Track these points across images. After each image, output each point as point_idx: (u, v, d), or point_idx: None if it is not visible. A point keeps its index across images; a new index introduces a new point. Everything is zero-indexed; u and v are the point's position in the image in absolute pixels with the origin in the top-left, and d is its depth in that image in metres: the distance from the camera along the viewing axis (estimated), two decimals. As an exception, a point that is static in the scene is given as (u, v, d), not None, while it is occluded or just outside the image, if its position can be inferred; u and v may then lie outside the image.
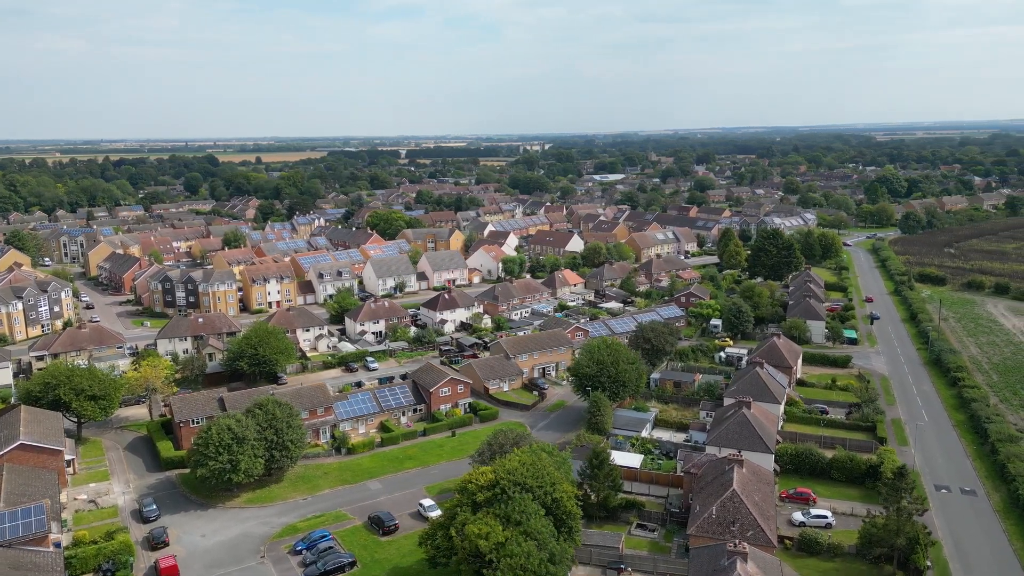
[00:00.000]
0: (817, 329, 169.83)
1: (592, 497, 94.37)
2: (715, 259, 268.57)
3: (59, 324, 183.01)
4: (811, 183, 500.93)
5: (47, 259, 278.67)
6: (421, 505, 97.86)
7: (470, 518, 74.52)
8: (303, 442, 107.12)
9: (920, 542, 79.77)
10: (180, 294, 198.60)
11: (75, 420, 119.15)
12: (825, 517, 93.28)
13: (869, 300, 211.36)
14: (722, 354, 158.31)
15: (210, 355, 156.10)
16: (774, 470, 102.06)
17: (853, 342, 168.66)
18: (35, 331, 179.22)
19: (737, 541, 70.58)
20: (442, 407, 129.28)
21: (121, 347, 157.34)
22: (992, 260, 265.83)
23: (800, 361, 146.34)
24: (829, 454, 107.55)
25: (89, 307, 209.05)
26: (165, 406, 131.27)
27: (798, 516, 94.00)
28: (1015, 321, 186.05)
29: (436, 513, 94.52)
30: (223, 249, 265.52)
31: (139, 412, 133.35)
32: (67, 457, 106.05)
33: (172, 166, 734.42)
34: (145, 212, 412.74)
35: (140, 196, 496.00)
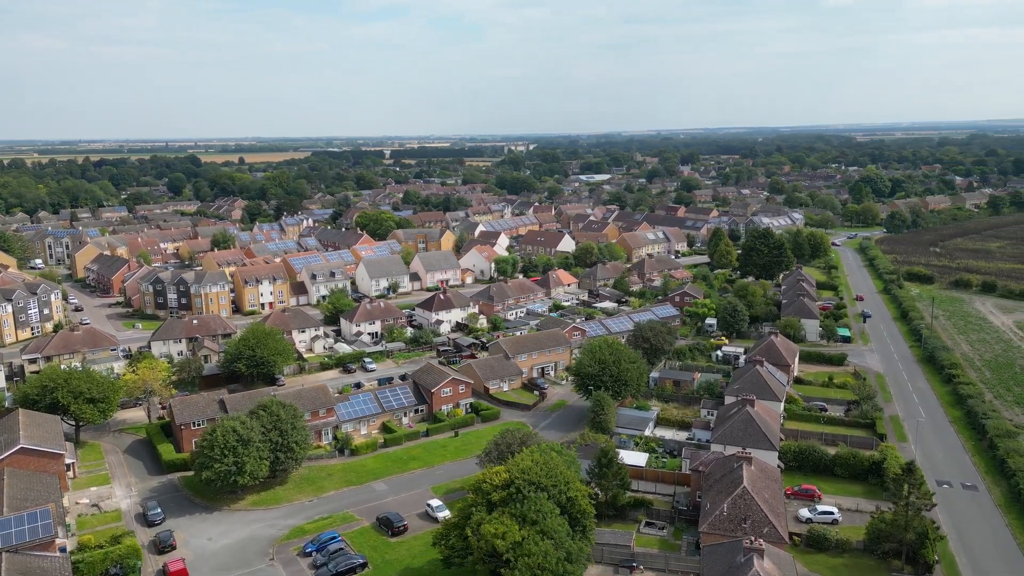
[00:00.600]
0: (811, 327, 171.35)
1: (601, 496, 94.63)
2: (705, 258, 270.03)
3: (49, 327, 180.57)
4: (796, 183, 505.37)
5: (38, 261, 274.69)
6: (429, 505, 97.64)
7: (486, 518, 74.49)
8: (308, 443, 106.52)
9: (929, 537, 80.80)
10: (172, 296, 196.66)
11: (72, 423, 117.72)
12: (831, 513, 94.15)
13: (860, 299, 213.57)
14: (719, 353, 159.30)
15: (205, 357, 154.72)
16: (778, 467, 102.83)
17: (847, 340, 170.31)
18: (25, 334, 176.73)
19: (753, 538, 71.06)
20: (444, 407, 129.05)
21: (115, 349, 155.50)
22: (977, 259, 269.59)
23: (797, 359, 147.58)
24: (830, 451, 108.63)
25: (78, 309, 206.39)
26: (163, 408, 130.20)
27: (805, 513, 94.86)
28: (1004, 319, 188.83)
29: (445, 514, 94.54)
30: (212, 250, 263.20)
31: (136, 415, 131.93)
32: (67, 461, 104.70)
33: (154, 166, 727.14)
34: (129, 213, 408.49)
35: (123, 197, 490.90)
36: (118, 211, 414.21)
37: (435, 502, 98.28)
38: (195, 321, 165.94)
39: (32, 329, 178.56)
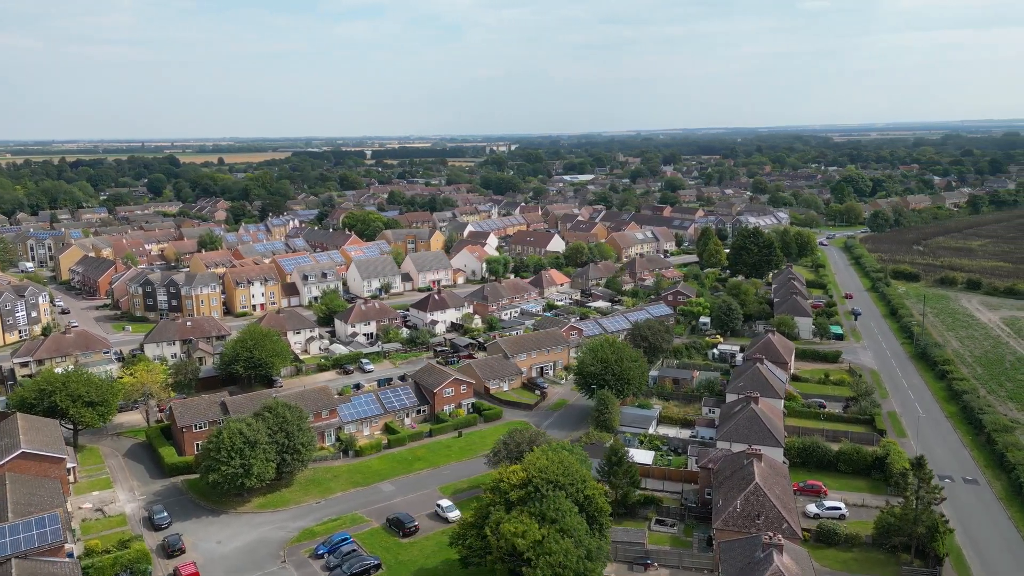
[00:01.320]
0: (804, 325, 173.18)
1: (611, 494, 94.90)
2: (694, 258, 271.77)
3: (37, 330, 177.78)
4: (778, 183, 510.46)
5: (28, 264, 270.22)
6: (439, 506, 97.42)
7: (505, 517, 74.52)
8: (313, 445, 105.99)
9: (939, 530, 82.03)
10: (162, 297, 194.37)
11: (70, 427, 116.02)
12: (839, 508, 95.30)
13: (848, 297, 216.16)
14: (715, 351, 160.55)
15: (200, 359, 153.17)
16: (783, 463, 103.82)
17: (839, 338, 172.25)
18: (12, 337, 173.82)
19: (772, 533, 71.72)
20: (446, 408, 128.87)
21: (107, 352, 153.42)
22: (960, 257, 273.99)
23: (792, 357, 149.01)
24: (833, 447, 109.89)
25: (64, 312, 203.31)
26: (161, 411, 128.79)
27: (812, 508, 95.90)
28: (990, 315, 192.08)
29: (455, 514, 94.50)
30: (199, 252, 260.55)
31: (133, 418, 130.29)
32: (68, 465, 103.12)
33: (132, 167, 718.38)
34: (110, 214, 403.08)
35: (103, 198, 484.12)
36: (98, 212, 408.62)
37: (445, 502, 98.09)
38: (189, 323, 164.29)
39: (20, 332, 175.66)
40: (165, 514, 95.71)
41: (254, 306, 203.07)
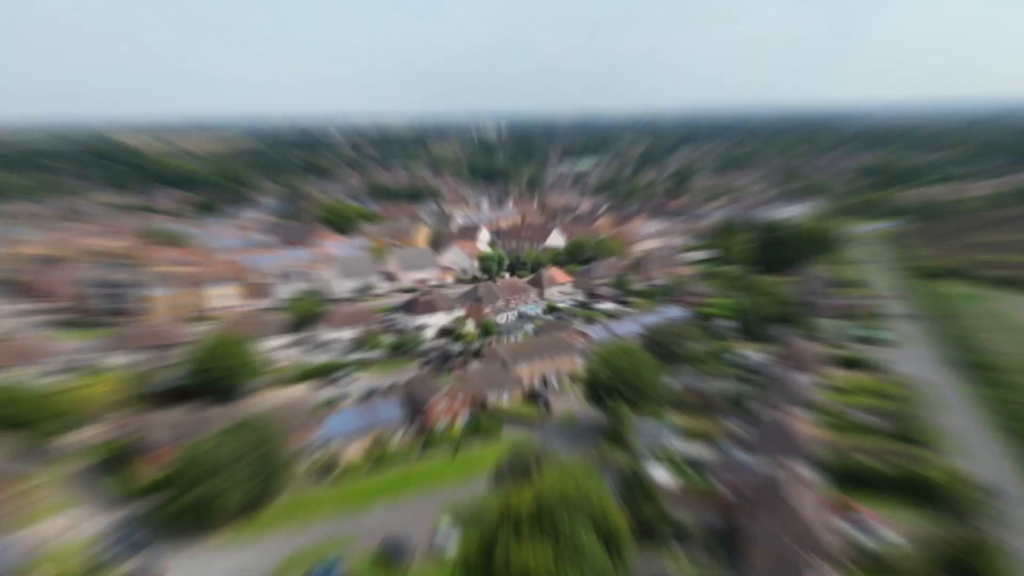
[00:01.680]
0: (839, 329, 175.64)
1: (629, 516, 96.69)
2: (712, 253, 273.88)
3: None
4: (802, 169, 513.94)
5: None
6: (437, 529, 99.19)
7: (515, 542, 76.28)
8: (292, 465, 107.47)
9: (1001, 557, 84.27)
10: (115, 301, 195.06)
11: (22, 445, 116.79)
12: (882, 533, 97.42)
13: (890, 296, 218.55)
14: (739, 358, 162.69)
15: (161, 369, 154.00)
16: (817, 481, 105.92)
17: (881, 343, 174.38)
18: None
19: (809, 557, 73.83)
20: (439, 422, 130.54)
21: (56, 361, 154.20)
22: (1012, 253, 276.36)
23: (827, 364, 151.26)
24: (876, 466, 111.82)
25: (5, 316, 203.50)
26: (118, 428, 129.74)
27: (853, 531, 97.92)
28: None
29: (455, 537, 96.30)
30: (155, 248, 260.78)
31: (89, 435, 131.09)
32: (20, 487, 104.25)
33: (59, 148, 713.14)
34: (42, 205, 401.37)
35: (29, 186, 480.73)
36: (32, 204, 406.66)
37: (443, 526, 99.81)
38: (148, 330, 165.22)
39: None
40: (130, 541, 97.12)
41: (219, 309, 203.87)
